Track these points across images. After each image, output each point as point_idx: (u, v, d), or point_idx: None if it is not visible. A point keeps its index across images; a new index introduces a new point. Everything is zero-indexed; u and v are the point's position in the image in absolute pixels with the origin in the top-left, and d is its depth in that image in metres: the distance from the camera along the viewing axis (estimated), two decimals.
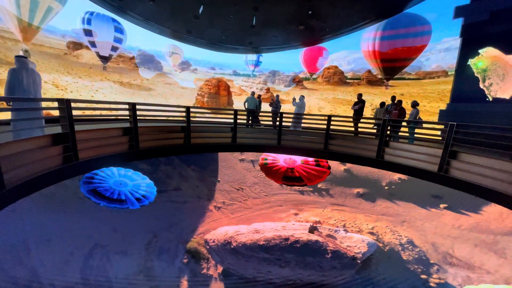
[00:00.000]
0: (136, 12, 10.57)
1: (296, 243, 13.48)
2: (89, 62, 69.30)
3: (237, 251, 13.64)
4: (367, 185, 18.82)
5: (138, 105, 6.24)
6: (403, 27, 11.03)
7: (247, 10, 10.11)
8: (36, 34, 11.01)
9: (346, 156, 8.17)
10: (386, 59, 12.21)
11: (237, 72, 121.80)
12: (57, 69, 56.07)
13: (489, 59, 10.00)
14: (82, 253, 12.98)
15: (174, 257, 14.31)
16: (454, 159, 6.19)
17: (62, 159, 4.39)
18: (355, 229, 16.12)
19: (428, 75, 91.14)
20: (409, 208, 16.94)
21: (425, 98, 54.18)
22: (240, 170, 20.32)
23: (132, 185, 10.10)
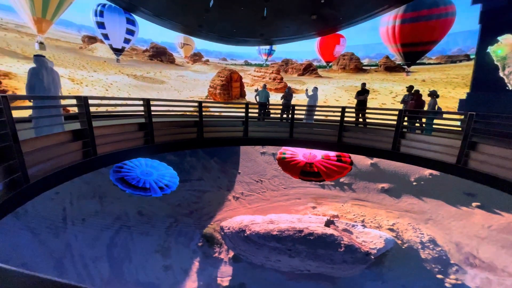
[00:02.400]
0: (148, 8, 10.75)
1: (309, 236, 13.57)
2: (103, 56, 71.30)
3: (249, 238, 14.05)
4: (393, 180, 18.25)
5: (152, 100, 6.47)
6: (426, 8, 10.37)
7: (258, 2, 9.98)
8: (50, 26, 11.19)
9: (361, 149, 8.08)
10: (407, 43, 11.57)
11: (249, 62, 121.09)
12: (73, 63, 58.14)
13: (508, 46, 9.55)
14: (110, 232, 14.99)
15: (190, 240, 15.58)
16: (474, 150, 6.00)
17: (82, 154, 4.71)
18: (374, 224, 15.84)
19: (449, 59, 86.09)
20: (437, 206, 16.35)
21: (449, 84, 51.32)
22: (260, 163, 20.71)
23: (157, 175, 10.89)
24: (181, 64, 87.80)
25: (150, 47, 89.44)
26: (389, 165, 18.65)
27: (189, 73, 73.60)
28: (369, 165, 19.13)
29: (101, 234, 14.76)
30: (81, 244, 14.07)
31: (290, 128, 8.78)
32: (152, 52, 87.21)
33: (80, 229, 14.54)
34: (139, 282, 13.46)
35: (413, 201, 17.07)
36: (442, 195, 16.57)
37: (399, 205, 17.08)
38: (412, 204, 16.91)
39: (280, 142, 9.19)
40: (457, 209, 15.85)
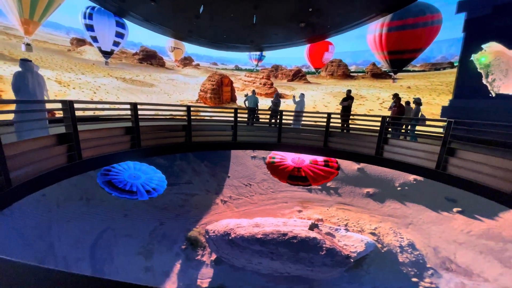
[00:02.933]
0: (138, 13, 10.70)
1: (293, 239, 13.74)
2: (92, 59, 69.91)
3: (233, 242, 14.18)
4: (379, 185, 18.66)
5: (139, 105, 6.42)
6: (412, 17, 10.61)
7: (247, 9, 10.12)
8: (37, 27, 10.94)
9: (346, 154, 8.27)
10: (393, 51, 11.76)
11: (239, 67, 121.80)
12: (61, 65, 56.72)
13: (492, 54, 9.81)
14: (94, 234, 15.08)
15: (173, 243, 15.68)
16: (453, 156, 6.27)
17: (66, 158, 4.62)
18: (357, 228, 16.12)
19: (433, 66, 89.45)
20: (419, 211, 16.79)
21: (433, 91, 52.88)
22: (250, 166, 20.83)
23: (145, 178, 10.81)
24: (171, 67, 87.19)
25: (140, 50, 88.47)
26: (375, 170, 19.04)
27: (179, 77, 73.11)
28: (356, 170, 19.52)
29: (85, 235, 14.79)
30: (65, 245, 14.12)
31: (278, 133, 8.89)
32: (142, 55, 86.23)
33: (64, 230, 14.59)
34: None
35: (396, 205, 17.48)
36: (424, 200, 17.03)
37: (382, 210, 17.46)
38: (395, 209, 17.31)
39: (268, 147, 9.28)
40: (437, 214, 16.29)
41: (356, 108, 43.11)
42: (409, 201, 17.41)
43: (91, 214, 15.68)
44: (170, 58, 37.75)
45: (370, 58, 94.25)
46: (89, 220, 15.43)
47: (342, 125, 9.48)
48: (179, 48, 36.13)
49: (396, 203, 17.58)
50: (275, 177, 10.63)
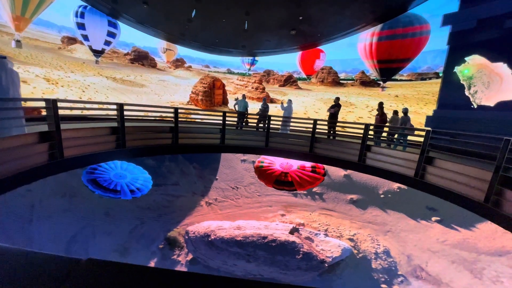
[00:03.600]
0: (130, 15, 10.68)
1: (272, 242, 13.88)
2: (82, 57, 68.57)
3: (212, 243, 14.31)
4: (363, 192, 18.91)
5: (126, 105, 6.37)
6: (401, 27, 10.86)
7: (239, 14, 10.26)
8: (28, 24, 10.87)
9: (330, 159, 8.44)
10: (383, 60, 12.02)
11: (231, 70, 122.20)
12: (50, 63, 55.32)
13: (475, 66, 10.17)
14: (73, 229, 15.23)
15: (152, 243, 15.82)
16: (430, 165, 6.52)
17: (47, 156, 4.53)
18: (336, 234, 16.35)
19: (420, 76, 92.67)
20: (398, 218, 17.06)
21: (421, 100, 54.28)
22: (239, 170, 20.89)
23: (131, 178, 10.82)
24: (162, 68, 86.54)
25: (132, 50, 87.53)
26: (360, 178, 19.34)
27: (170, 78, 72.60)
28: (342, 176, 19.82)
29: (64, 231, 14.93)
30: (43, 239, 14.31)
31: (266, 138, 8.99)
32: (133, 55, 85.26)
33: (45, 225, 14.76)
34: None
35: (378, 213, 17.78)
36: (405, 208, 17.34)
37: (363, 216, 17.75)
38: (376, 216, 17.61)
39: (256, 151, 9.35)
40: (416, 223, 16.60)
41: (345, 115, 43.91)
42: (390, 209, 17.71)
43: (73, 211, 15.80)
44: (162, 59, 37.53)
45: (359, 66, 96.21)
46: (70, 216, 15.54)
47: (329, 132, 9.67)
48: (171, 50, 35.99)
49: (377, 210, 17.89)
50: (261, 181, 10.71)
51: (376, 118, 8.83)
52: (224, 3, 9.52)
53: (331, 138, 9.34)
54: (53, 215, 15.15)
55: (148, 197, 15.97)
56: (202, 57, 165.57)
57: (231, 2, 9.30)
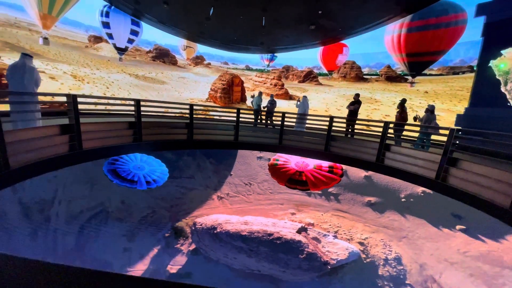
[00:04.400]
0: (152, 15, 11.12)
1: (277, 240, 13.84)
2: (107, 55, 72.18)
3: (217, 236, 14.57)
4: (382, 194, 18.07)
5: (142, 101, 6.68)
6: (434, 16, 9.98)
7: (256, 11, 10.26)
8: (55, 22, 11.55)
9: (346, 159, 8.26)
10: (413, 53, 11.17)
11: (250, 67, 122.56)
12: (77, 61, 58.83)
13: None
14: (88, 213, 16.47)
15: (159, 231, 16.58)
16: (454, 166, 6.16)
17: (68, 147, 4.92)
18: (346, 236, 15.84)
19: (452, 70, 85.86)
20: (418, 224, 16.10)
21: (454, 96, 50.45)
22: (254, 166, 21.07)
23: (148, 170, 11.38)
24: (183, 66, 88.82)
25: (154, 48, 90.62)
26: (382, 179, 18.60)
27: (190, 75, 74.34)
28: (362, 178, 19.16)
29: (80, 214, 16.11)
30: (60, 221, 15.51)
31: (279, 135, 8.98)
32: (155, 53, 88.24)
33: (63, 208, 16.01)
34: (95, 257, 14.76)
35: (395, 217, 16.98)
36: (427, 214, 16.37)
37: (379, 220, 17.04)
38: (393, 220, 16.82)
39: (269, 148, 9.38)
40: (437, 230, 15.59)
41: (371, 113, 42.18)
42: (410, 214, 16.83)
43: (91, 197, 17.03)
44: (182, 56, 38.56)
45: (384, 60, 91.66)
46: (88, 202, 16.78)
47: (347, 130, 9.44)
48: (191, 47, 36.79)
49: (395, 215, 17.10)
50: (274, 178, 10.70)
51: (396, 116, 8.48)
52: (241, 1, 9.58)
53: (349, 136, 9.13)
54: (73, 199, 16.50)
55: (163, 188, 16.60)
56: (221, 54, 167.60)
57: None
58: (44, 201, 15.77)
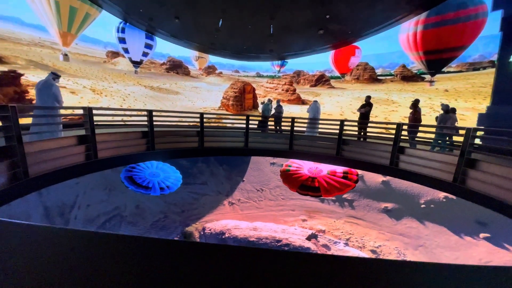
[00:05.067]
0: (164, 30, 11.72)
1: (285, 246, 13.68)
2: (124, 69, 75.62)
3: (224, 241, 14.81)
4: (400, 200, 17.37)
5: (155, 111, 6.99)
6: (452, 11, 9.62)
7: (263, 20, 10.50)
8: (74, 39, 12.39)
9: (359, 163, 8.13)
10: (431, 50, 10.75)
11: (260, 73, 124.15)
12: (96, 75, 62.03)
13: None
14: (104, 217, 17.47)
15: (168, 235, 17.33)
16: (473, 168, 5.92)
17: (83, 156, 5.28)
18: (358, 244, 15.31)
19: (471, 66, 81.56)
20: (437, 232, 15.21)
21: (477, 94, 47.65)
22: (267, 172, 21.25)
23: (163, 177, 11.76)
24: (195, 76, 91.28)
25: (167, 60, 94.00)
26: (401, 184, 17.90)
27: (203, 85, 76.17)
28: (380, 183, 18.55)
29: (96, 218, 17.17)
30: (77, 224, 16.58)
31: (289, 140, 9.00)
32: (169, 65, 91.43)
33: (82, 212, 17.11)
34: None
35: (413, 224, 16.23)
36: (449, 221, 15.48)
37: (395, 227, 16.37)
38: (410, 228, 16.09)
39: (279, 154, 9.41)
40: (458, 239, 14.71)
41: (388, 115, 40.94)
42: (430, 221, 16.02)
43: (109, 202, 18.11)
44: (195, 66, 39.72)
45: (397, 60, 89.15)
46: (105, 207, 17.88)
47: (359, 133, 9.31)
48: (203, 57, 37.88)
49: (413, 222, 16.36)
50: (286, 184, 10.61)
51: (409, 117, 8.27)
52: (248, 11, 9.86)
53: (361, 140, 8.99)
54: (91, 204, 17.56)
55: (176, 194, 17.33)
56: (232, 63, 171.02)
57: (254, 8, 9.60)
58: (65, 205, 16.97)
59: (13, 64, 46.82)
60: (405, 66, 76.87)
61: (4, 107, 4.03)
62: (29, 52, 62.74)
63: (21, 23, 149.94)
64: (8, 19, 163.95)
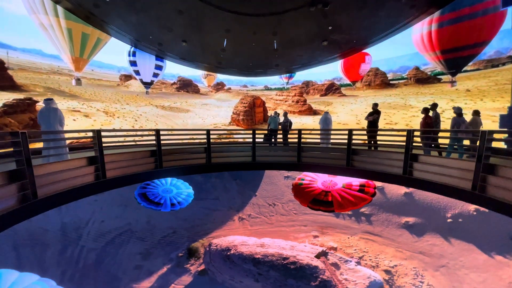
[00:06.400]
0: (174, 53, 12.45)
1: (291, 264, 13.16)
2: (136, 90, 79.17)
3: (229, 257, 14.62)
4: (424, 214, 16.15)
5: (162, 130, 7.28)
6: (467, 5, 9.27)
7: (266, 36, 10.85)
8: (86, 64, 13.14)
9: (371, 173, 7.96)
10: (448, 49, 10.35)
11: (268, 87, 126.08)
12: (109, 98, 65.18)
13: None
14: (116, 232, 18.08)
15: (174, 250, 17.48)
16: (493, 174, 5.66)
17: (92, 177, 5.56)
18: (372, 263, 14.34)
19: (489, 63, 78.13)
20: (464, 251, 13.88)
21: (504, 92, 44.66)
22: (280, 186, 21.12)
23: (175, 193, 12.17)
24: (205, 93, 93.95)
25: (178, 80, 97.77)
26: (425, 196, 16.84)
27: (212, 101, 78.09)
28: (402, 195, 17.52)
29: (108, 233, 17.80)
30: (89, 238, 17.25)
31: (297, 153, 9.00)
32: (179, 84, 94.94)
33: (95, 227, 17.88)
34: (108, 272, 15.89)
35: (436, 241, 15.02)
36: (478, 238, 14.19)
37: (415, 245, 15.24)
38: (432, 245, 14.88)
39: (288, 167, 9.39)
40: (488, 258, 13.40)
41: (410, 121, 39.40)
42: (456, 238, 14.78)
43: (122, 218, 18.82)
44: (204, 84, 41.01)
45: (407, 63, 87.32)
46: (118, 222, 18.56)
47: (369, 142, 9.17)
48: (211, 75, 39.17)
49: (437, 238, 15.15)
50: (297, 199, 10.41)
51: (421, 122, 8.08)
52: (250, 29, 10.25)
53: (372, 149, 8.84)
54: (106, 220, 18.32)
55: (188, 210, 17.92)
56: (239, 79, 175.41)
57: (256, 26, 9.97)
58: (80, 221, 17.84)
59: (32, 91, 50.17)
60: (418, 68, 75.64)
61: (15, 133, 4.41)
62: (48, 80, 67.25)
63: (42, 54, 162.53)
64: (30, 51, 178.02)
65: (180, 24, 9.15)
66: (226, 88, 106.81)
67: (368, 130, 9.13)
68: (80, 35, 11.61)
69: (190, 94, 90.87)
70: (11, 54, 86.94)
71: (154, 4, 7.52)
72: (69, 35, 11.23)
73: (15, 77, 50.52)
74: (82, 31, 11.41)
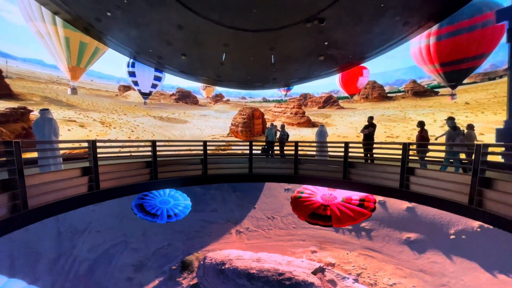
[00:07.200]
0: (173, 66, 12.69)
1: (287, 280, 12.97)
2: (134, 101, 79.69)
3: (223, 272, 14.44)
4: (426, 230, 15.93)
5: (158, 141, 7.31)
6: (466, 18, 9.40)
7: (264, 51, 11.13)
8: (83, 73, 13.12)
9: (367, 186, 7.98)
10: (448, 62, 10.46)
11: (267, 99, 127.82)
12: (107, 108, 65.46)
13: None
14: (111, 243, 17.82)
15: (168, 262, 17.24)
16: (490, 188, 5.70)
17: (86, 188, 5.56)
18: (370, 281, 14.07)
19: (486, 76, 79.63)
20: (466, 269, 13.55)
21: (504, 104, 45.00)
22: (280, 199, 20.96)
23: (173, 204, 11.98)
24: (204, 104, 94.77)
25: (176, 91, 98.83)
26: (428, 212, 16.54)
27: (211, 112, 78.62)
28: (404, 210, 17.19)
29: (102, 243, 17.60)
30: (83, 248, 17.12)
31: (294, 165, 9.03)
32: (178, 95, 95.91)
33: (92, 236, 17.73)
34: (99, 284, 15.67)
35: (438, 258, 14.69)
36: (481, 256, 13.84)
37: (415, 262, 14.93)
38: (433, 263, 14.55)
39: (285, 179, 9.39)
40: (491, 277, 13.06)
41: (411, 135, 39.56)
42: (458, 255, 14.44)
43: (118, 229, 18.59)
44: (203, 95, 41.49)
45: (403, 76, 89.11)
46: (114, 232, 18.37)
47: (365, 155, 9.24)
48: (210, 87, 39.66)
49: (439, 256, 14.82)
50: (295, 213, 10.30)
51: (417, 136, 8.20)
52: (248, 43, 10.53)
53: (368, 162, 8.90)
54: (101, 230, 18.12)
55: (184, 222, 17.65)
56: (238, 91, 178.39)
57: (254, 41, 10.25)
58: (76, 231, 17.67)
59: (29, 100, 50.28)
60: (415, 81, 77.27)
61: (9, 142, 4.44)
62: (46, 89, 67.66)
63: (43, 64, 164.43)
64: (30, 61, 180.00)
65: (180, 39, 9.39)
66: (224, 99, 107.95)
67: (364, 143, 9.23)
68: (78, 44, 11.53)
69: (188, 105, 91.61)
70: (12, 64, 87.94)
71: (155, 19, 7.74)
72: (67, 43, 11.18)
73: (13, 86, 50.74)
74: (80, 40, 11.43)
